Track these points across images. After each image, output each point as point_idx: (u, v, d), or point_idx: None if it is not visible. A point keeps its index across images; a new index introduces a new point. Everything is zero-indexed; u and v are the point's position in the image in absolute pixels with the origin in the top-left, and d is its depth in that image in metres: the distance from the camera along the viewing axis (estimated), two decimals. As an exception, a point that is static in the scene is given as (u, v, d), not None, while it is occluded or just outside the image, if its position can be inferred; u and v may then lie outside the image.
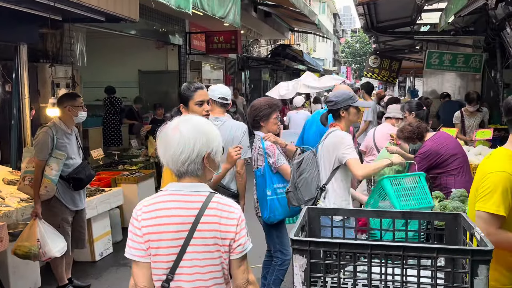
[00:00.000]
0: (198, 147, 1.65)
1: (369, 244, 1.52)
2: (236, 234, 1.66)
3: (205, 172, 1.72)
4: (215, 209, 1.66)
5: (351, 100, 3.23)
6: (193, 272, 1.64)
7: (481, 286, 1.45)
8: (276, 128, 3.70)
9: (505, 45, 8.36)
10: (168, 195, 1.70)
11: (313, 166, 3.34)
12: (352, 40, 51.19)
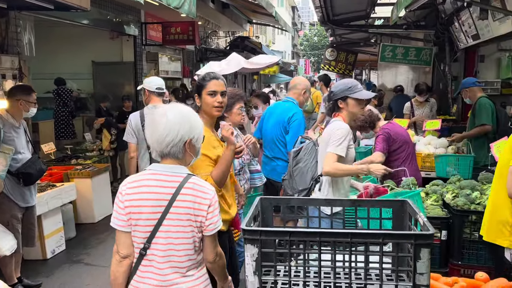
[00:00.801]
0: (181, 132, 1.90)
1: (319, 232, 1.55)
2: (208, 214, 1.89)
3: (186, 156, 1.96)
4: (190, 189, 1.89)
5: (348, 91, 3.09)
6: (167, 243, 1.88)
7: (423, 269, 1.52)
8: (240, 119, 3.66)
9: (453, 39, 8.74)
10: (150, 174, 1.94)
11: (311, 156, 3.30)
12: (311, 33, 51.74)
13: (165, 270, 1.89)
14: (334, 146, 3.00)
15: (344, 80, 3.24)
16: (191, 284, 1.92)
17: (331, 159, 2.98)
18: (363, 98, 3.11)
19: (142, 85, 4.58)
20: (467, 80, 5.45)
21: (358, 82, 3.19)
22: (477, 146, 4.92)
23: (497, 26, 6.47)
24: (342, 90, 3.11)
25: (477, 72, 9.44)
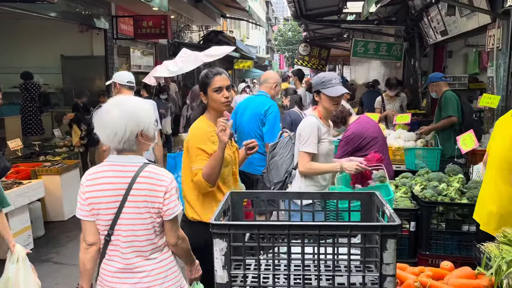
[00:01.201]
0: (129, 129, 1.95)
1: (287, 225, 1.55)
2: (165, 200, 1.99)
3: (140, 146, 2.04)
4: (146, 177, 1.98)
5: (321, 85, 3.06)
6: (128, 229, 1.99)
7: (389, 259, 1.54)
8: None
9: (423, 35, 8.92)
10: (108, 165, 2.04)
11: (287, 150, 3.33)
12: (285, 28, 51.86)
13: (128, 254, 2.02)
14: (302, 145, 3.04)
15: (323, 73, 3.20)
16: (153, 267, 2.04)
17: (303, 158, 3.03)
18: (331, 96, 3.04)
19: (112, 80, 4.56)
20: (434, 75, 5.59)
21: (336, 77, 3.12)
22: (444, 139, 5.06)
23: (464, 22, 6.64)
24: (316, 84, 3.10)
25: (446, 67, 9.67)
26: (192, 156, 2.60)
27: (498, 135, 2.70)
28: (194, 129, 2.70)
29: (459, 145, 3.93)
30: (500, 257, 1.89)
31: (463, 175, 3.86)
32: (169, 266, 2.10)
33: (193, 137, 2.65)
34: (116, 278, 2.03)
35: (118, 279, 2.03)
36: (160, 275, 2.06)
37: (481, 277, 1.93)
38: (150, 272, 2.03)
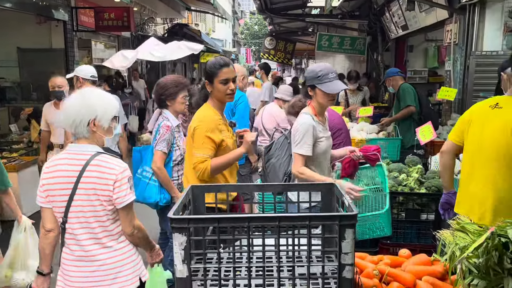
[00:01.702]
0: (80, 115, 2.06)
1: (247, 217, 1.55)
2: (114, 189, 2.04)
3: (95, 135, 2.12)
4: (96, 166, 2.06)
5: (316, 80, 2.83)
6: (80, 216, 2.07)
7: (348, 248, 1.57)
8: (184, 108, 3.56)
9: (385, 29, 9.11)
10: (64, 154, 2.14)
11: (283, 151, 3.16)
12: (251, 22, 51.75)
13: (84, 242, 2.09)
14: (295, 146, 2.86)
15: (317, 65, 2.93)
16: (110, 256, 2.10)
17: (296, 161, 2.85)
18: (329, 93, 2.84)
19: (73, 73, 4.50)
20: (390, 70, 5.77)
21: (332, 70, 2.88)
22: (404, 129, 5.23)
23: (424, 17, 6.83)
24: (311, 78, 2.86)
25: (407, 61, 9.93)
26: (198, 142, 2.64)
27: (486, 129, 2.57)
28: (203, 116, 2.72)
29: (418, 137, 4.05)
30: (454, 244, 1.96)
31: (422, 166, 3.99)
32: (126, 255, 2.15)
33: (201, 123, 2.68)
34: (74, 266, 2.10)
35: (77, 268, 2.10)
36: (117, 264, 2.11)
37: (437, 263, 2.00)
38: (107, 260, 2.10)
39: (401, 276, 1.87)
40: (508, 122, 2.46)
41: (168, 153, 3.38)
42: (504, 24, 5.37)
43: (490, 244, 1.66)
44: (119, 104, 3.27)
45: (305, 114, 2.94)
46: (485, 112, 2.60)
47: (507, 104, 2.52)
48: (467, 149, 2.69)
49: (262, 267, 1.62)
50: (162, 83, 3.53)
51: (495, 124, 2.53)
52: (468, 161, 2.68)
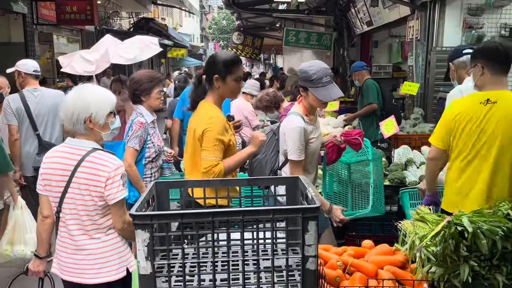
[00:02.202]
0: (77, 111, 2.15)
1: (211, 212, 1.55)
2: (106, 186, 2.13)
3: (93, 132, 2.22)
4: (90, 162, 2.15)
5: (310, 83, 2.69)
6: (72, 208, 2.18)
7: (311, 240, 1.59)
8: (159, 103, 3.49)
9: (351, 25, 9.26)
10: (63, 147, 2.24)
11: (270, 148, 3.04)
12: (219, 17, 51.45)
13: (74, 232, 2.20)
14: (290, 151, 2.77)
15: (311, 66, 2.72)
16: (97, 246, 2.20)
17: (295, 168, 2.77)
18: (324, 100, 2.74)
19: (15, 68, 4.31)
20: (356, 64, 5.87)
21: (327, 72, 2.70)
22: (367, 124, 5.35)
23: (387, 13, 6.98)
24: (305, 80, 2.72)
25: (372, 56, 10.13)
26: (209, 145, 2.51)
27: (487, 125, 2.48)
28: (211, 117, 2.55)
29: (382, 131, 4.14)
30: (414, 233, 2.03)
31: (385, 159, 4.08)
32: (113, 247, 2.23)
33: (212, 125, 2.52)
34: (65, 253, 2.23)
35: (67, 254, 2.23)
36: (104, 254, 2.20)
37: (398, 253, 2.05)
38: (94, 250, 2.20)
39: (364, 266, 1.91)
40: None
41: (140, 150, 3.30)
42: (463, 21, 5.56)
43: (447, 232, 1.72)
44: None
45: (296, 115, 2.80)
46: (478, 109, 2.51)
47: (501, 98, 2.47)
48: (460, 147, 2.58)
49: (227, 262, 1.62)
50: (136, 78, 3.42)
51: (497, 120, 2.46)
52: (463, 159, 2.58)
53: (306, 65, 2.77)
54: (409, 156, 4.09)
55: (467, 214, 1.77)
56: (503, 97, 2.48)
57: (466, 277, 1.66)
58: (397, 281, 1.85)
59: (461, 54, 3.34)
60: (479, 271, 1.70)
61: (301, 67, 2.77)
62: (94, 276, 2.20)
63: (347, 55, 9.74)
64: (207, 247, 1.86)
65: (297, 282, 1.66)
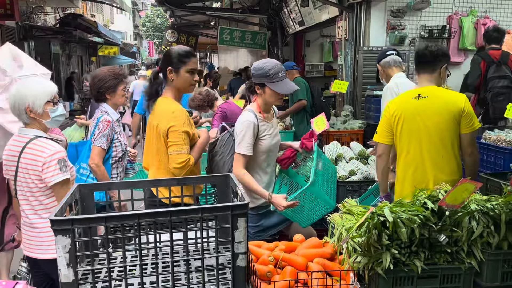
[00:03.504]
0: (17, 103, 2.38)
1: (137, 214, 1.50)
2: (43, 170, 2.36)
3: (35, 121, 2.44)
4: (31, 148, 2.39)
5: (266, 79, 2.73)
6: (22, 190, 2.46)
7: (241, 237, 1.59)
8: (124, 101, 3.35)
9: (284, 24, 9.43)
10: (15, 136, 2.49)
11: (227, 149, 3.00)
12: (153, 14, 50.19)
13: (27, 211, 2.48)
14: (237, 145, 2.81)
15: (267, 63, 2.78)
16: (45, 225, 2.41)
17: (237, 160, 2.80)
18: (282, 93, 2.78)
19: None
20: (287, 64, 6.02)
21: (282, 68, 2.79)
22: (298, 121, 5.51)
23: (318, 14, 7.19)
24: (260, 76, 2.76)
25: (305, 56, 10.41)
26: (179, 140, 2.56)
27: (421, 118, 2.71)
28: (175, 111, 2.60)
29: (312, 127, 4.25)
30: (341, 225, 2.10)
31: (317, 155, 4.19)
32: None
33: (177, 120, 2.57)
34: (24, 230, 2.52)
35: (25, 231, 2.52)
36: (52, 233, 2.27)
37: (327, 245, 2.12)
38: (43, 229, 2.43)
39: (294, 260, 1.95)
40: (443, 109, 2.67)
41: (107, 149, 3.16)
42: (387, 22, 5.87)
43: (370, 223, 1.80)
44: None
45: (248, 111, 2.84)
46: (412, 104, 2.74)
47: (431, 93, 2.72)
48: (403, 141, 2.78)
49: (155, 264, 1.58)
50: (100, 76, 3.25)
51: (429, 112, 2.70)
52: (406, 151, 2.78)
53: (260, 62, 2.82)
54: (339, 152, 4.25)
55: (388, 205, 1.86)
56: (432, 91, 2.74)
57: (388, 264, 1.75)
58: (326, 272, 1.91)
59: (385, 56, 3.65)
60: (400, 258, 1.80)
61: (256, 65, 2.81)
62: (44, 252, 2.46)
63: (281, 54, 9.92)
64: (135, 250, 1.80)
65: (228, 280, 1.65)
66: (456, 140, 2.71)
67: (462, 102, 2.65)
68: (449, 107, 2.66)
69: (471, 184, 1.84)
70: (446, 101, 2.68)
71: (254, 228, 3.00)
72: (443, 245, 1.85)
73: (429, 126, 2.71)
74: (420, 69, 2.82)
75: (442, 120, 2.68)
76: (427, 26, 5.97)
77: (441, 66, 2.78)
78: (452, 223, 1.87)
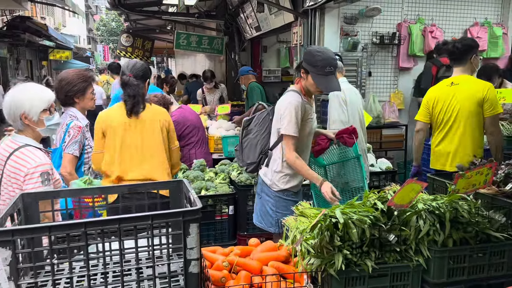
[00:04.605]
0: (13, 109, 2.32)
1: (83, 222, 1.45)
2: (24, 181, 2.27)
3: (29, 128, 2.37)
4: (17, 156, 2.31)
5: (312, 68, 2.62)
6: (4, 194, 2.36)
7: (193, 243, 1.57)
8: (93, 104, 3.22)
9: (241, 30, 9.45)
10: (7, 141, 2.42)
11: (263, 127, 2.91)
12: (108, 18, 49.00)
13: None
14: (285, 126, 2.68)
15: (319, 53, 2.65)
16: None
17: (289, 143, 2.69)
18: (321, 90, 2.70)
19: None
20: (243, 69, 6.05)
21: (332, 63, 2.63)
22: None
23: (274, 19, 7.25)
24: (309, 62, 2.65)
25: (262, 61, 10.47)
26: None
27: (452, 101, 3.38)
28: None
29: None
30: (295, 228, 2.12)
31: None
32: None
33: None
34: None
35: None
36: None
37: (282, 248, 2.13)
38: None
39: (249, 264, 1.94)
40: (470, 95, 3.30)
41: (79, 156, 3.03)
42: (340, 28, 6.01)
43: (323, 225, 1.83)
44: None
45: (293, 92, 2.74)
46: (446, 90, 3.44)
47: (462, 81, 3.38)
48: (437, 120, 3.49)
49: (104, 274, 1.53)
50: (68, 79, 3.11)
51: (459, 97, 3.35)
52: (438, 129, 3.50)
53: (315, 48, 2.73)
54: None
55: (339, 207, 1.90)
56: (462, 80, 3.40)
57: (340, 265, 1.78)
58: (280, 275, 1.91)
59: None
60: (352, 259, 1.83)
61: (310, 49, 2.72)
62: None
63: (238, 59, 9.93)
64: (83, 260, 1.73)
65: (181, 287, 1.62)
66: (480, 121, 3.33)
67: (485, 91, 3.27)
68: (475, 94, 3.29)
69: (417, 184, 1.90)
70: (473, 88, 3.31)
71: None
72: (393, 244, 1.91)
73: (458, 108, 3.35)
74: (453, 62, 3.46)
75: (469, 104, 3.31)
76: (379, 33, 6.16)
77: (470, 57, 3.38)
78: (400, 223, 1.93)
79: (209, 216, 3.63)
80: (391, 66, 6.37)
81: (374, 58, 6.27)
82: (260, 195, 2.98)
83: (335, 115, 3.90)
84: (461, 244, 1.95)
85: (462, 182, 2.00)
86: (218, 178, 3.91)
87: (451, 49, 3.41)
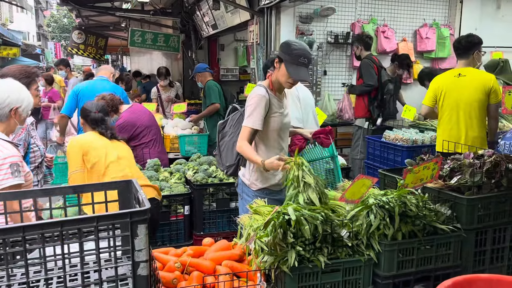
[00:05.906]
0: (10, 98, 2.34)
1: (21, 226, 1.36)
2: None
3: (9, 122, 2.38)
4: None
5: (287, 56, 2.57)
6: None
7: (141, 245, 1.52)
8: (38, 102, 3.05)
9: (197, 27, 9.35)
10: None
11: (238, 128, 2.81)
12: (59, 14, 47.13)
13: None
14: (245, 118, 2.67)
15: (296, 44, 2.63)
16: None
17: (242, 132, 2.66)
18: (292, 77, 2.63)
19: None
20: (199, 66, 5.97)
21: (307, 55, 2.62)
22: (212, 124, 5.46)
23: (230, 17, 7.22)
24: (284, 52, 2.62)
25: (219, 59, 10.41)
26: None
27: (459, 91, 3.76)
28: None
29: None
30: (250, 226, 2.10)
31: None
32: None
33: None
34: None
35: None
36: None
37: (236, 246, 2.11)
38: None
39: (202, 264, 1.91)
40: (479, 85, 3.68)
41: (24, 155, 2.84)
42: (296, 27, 6.06)
43: (276, 222, 1.82)
44: None
45: (259, 86, 2.74)
46: (453, 80, 3.81)
47: (468, 73, 3.77)
48: (445, 106, 3.84)
49: (46, 280, 1.45)
50: (10, 75, 2.90)
51: (467, 87, 3.74)
52: (447, 114, 3.83)
53: (293, 40, 2.78)
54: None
55: (292, 205, 1.90)
56: (469, 71, 3.79)
57: (293, 262, 1.78)
58: (234, 274, 1.89)
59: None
60: (305, 255, 1.83)
61: (288, 40, 2.71)
62: None
63: (195, 57, 9.82)
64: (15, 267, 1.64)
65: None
66: (484, 108, 3.72)
67: (492, 81, 3.71)
68: (484, 84, 3.69)
69: (368, 180, 1.94)
70: (481, 79, 3.72)
71: None
72: (345, 239, 1.93)
73: (465, 97, 3.72)
74: (457, 56, 3.89)
75: (475, 93, 3.70)
76: (333, 32, 6.27)
77: (473, 52, 3.77)
78: (352, 218, 1.95)
79: (164, 217, 3.55)
80: (345, 65, 6.50)
81: (329, 57, 6.37)
82: (241, 195, 2.97)
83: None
84: (410, 237, 2.00)
85: (410, 177, 2.05)
86: (173, 178, 3.83)
87: (456, 45, 3.87)
